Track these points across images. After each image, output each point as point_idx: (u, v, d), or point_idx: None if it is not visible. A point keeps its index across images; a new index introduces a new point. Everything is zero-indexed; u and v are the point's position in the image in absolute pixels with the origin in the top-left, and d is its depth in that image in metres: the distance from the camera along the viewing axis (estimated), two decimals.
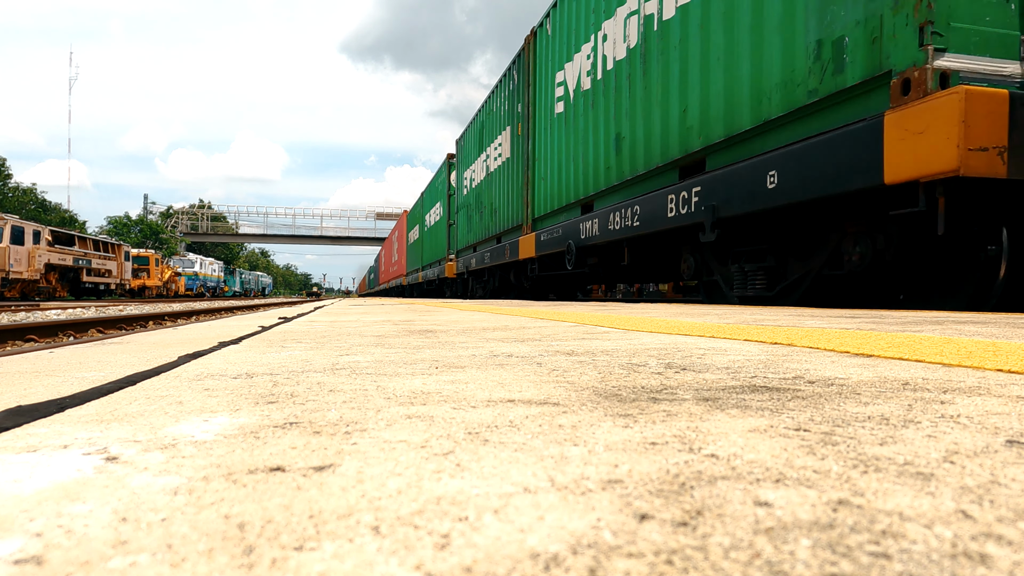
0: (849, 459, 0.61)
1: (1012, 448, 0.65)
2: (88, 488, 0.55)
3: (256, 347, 2.00)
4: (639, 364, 1.41)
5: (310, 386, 1.14)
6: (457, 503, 0.50)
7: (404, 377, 1.25)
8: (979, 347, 1.59)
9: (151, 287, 32.50)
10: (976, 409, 0.84)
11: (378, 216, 64.34)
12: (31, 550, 0.42)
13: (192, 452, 0.67)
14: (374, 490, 0.54)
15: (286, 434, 0.75)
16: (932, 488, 0.52)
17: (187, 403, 0.97)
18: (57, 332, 6.58)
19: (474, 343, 2.05)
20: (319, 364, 1.50)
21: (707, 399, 0.95)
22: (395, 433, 0.75)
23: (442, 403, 0.95)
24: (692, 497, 0.51)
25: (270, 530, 0.45)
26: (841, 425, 0.76)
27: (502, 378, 1.22)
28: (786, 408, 0.87)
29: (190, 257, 42.54)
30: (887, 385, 1.05)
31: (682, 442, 0.69)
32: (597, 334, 2.36)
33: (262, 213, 64.15)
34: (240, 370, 1.39)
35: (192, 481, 0.57)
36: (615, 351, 1.71)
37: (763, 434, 0.72)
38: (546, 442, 0.70)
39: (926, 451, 0.64)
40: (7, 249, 18.98)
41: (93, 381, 1.23)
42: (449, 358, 1.60)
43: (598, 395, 1.01)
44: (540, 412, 0.87)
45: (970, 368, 1.23)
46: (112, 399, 1.01)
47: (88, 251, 24.05)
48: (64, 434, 0.76)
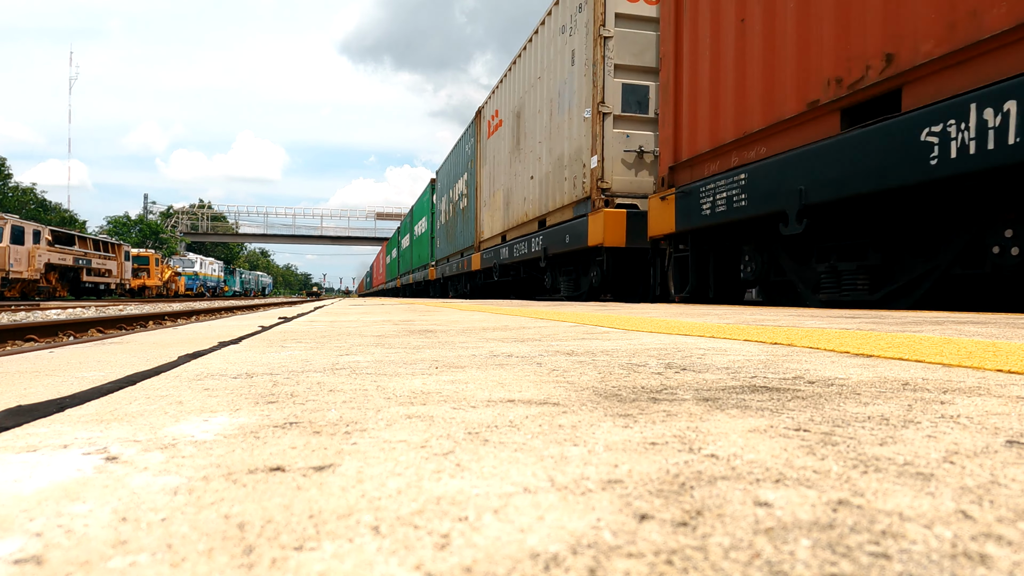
0: (849, 459, 0.61)
1: (1012, 448, 0.65)
2: (88, 488, 0.55)
3: (256, 347, 2.00)
4: (639, 364, 1.41)
5: (310, 386, 1.14)
6: (457, 503, 0.50)
7: (404, 377, 1.25)
8: (979, 347, 1.59)
9: (151, 287, 32.49)
10: (976, 409, 0.84)
11: (378, 216, 64.36)
12: (31, 550, 0.42)
13: (192, 452, 0.67)
14: (374, 490, 0.54)
15: (286, 434, 0.75)
16: (932, 488, 0.52)
17: (187, 403, 0.97)
18: (57, 332, 6.58)
19: (474, 343, 2.05)
20: (319, 364, 1.50)
21: (707, 399, 0.95)
22: (395, 433, 0.75)
23: (442, 403, 0.95)
24: (692, 497, 0.51)
25: (270, 530, 0.45)
26: (841, 425, 0.76)
27: (502, 378, 1.22)
28: (786, 408, 0.87)
29: (190, 257, 42.52)
30: (887, 385, 1.05)
31: (682, 442, 0.69)
32: (597, 334, 2.36)
33: (262, 213, 64.21)
34: (240, 370, 1.39)
35: (192, 481, 0.57)
36: (615, 351, 1.71)
37: (763, 434, 0.72)
38: (546, 442, 0.70)
39: (926, 451, 0.64)
40: (7, 249, 18.97)
41: (93, 381, 1.23)
42: (449, 358, 1.60)
43: (598, 395, 1.01)
44: (540, 412, 0.87)
45: (970, 368, 1.23)
46: (112, 399, 1.01)
47: (88, 251, 24.05)
48: (64, 434, 0.76)
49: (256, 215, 64.61)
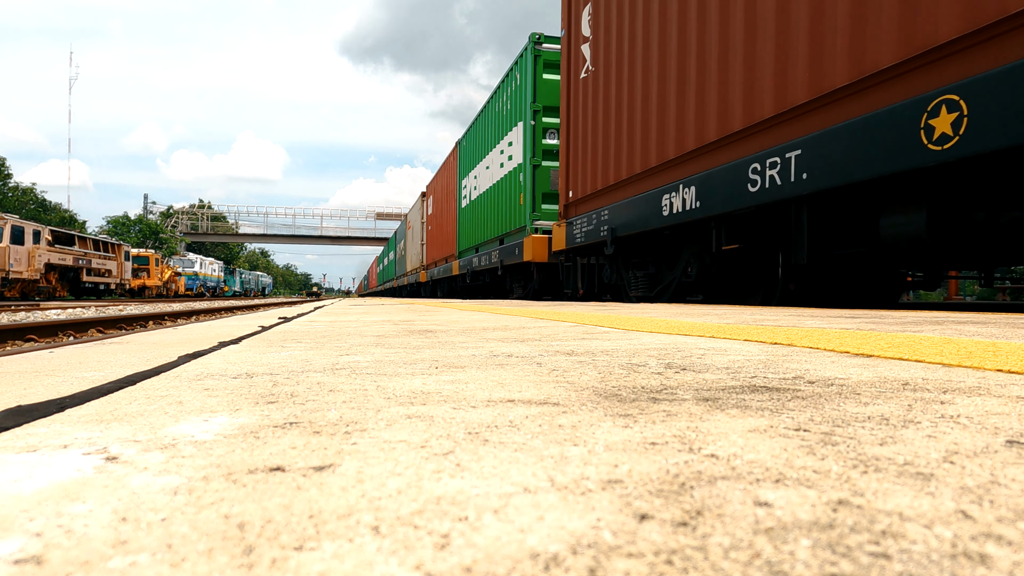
0: (849, 459, 0.61)
1: (1012, 448, 0.65)
2: (88, 488, 0.55)
3: (256, 347, 2.00)
4: (639, 364, 1.41)
5: (310, 386, 1.14)
6: (457, 503, 0.50)
7: (404, 377, 1.25)
8: (979, 347, 1.59)
9: (151, 287, 32.48)
10: (976, 409, 0.84)
11: (378, 216, 64.36)
12: (31, 550, 0.42)
13: (192, 452, 0.67)
14: (374, 490, 0.54)
15: (286, 434, 0.75)
16: (932, 488, 0.52)
17: (187, 403, 0.97)
18: (57, 332, 6.58)
19: (474, 343, 2.05)
20: (319, 364, 1.50)
21: (707, 399, 0.95)
22: (395, 433, 0.75)
23: (442, 403, 0.95)
24: (692, 497, 0.51)
25: (270, 530, 0.45)
26: (841, 425, 0.76)
27: (502, 378, 1.22)
28: (786, 408, 0.87)
29: (190, 257, 42.50)
30: (887, 385, 1.05)
31: (682, 442, 0.69)
32: (597, 334, 2.36)
33: (262, 213, 64.20)
34: (240, 370, 1.39)
35: (192, 481, 0.57)
36: (615, 351, 1.71)
37: (763, 434, 0.72)
38: (546, 442, 0.70)
39: (926, 451, 0.64)
40: (7, 249, 18.97)
41: (93, 381, 1.23)
42: (449, 358, 1.60)
43: (598, 395, 1.01)
44: (540, 412, 0.87)
45: (970, 368, 1.23)
46: (112, 399, 1.01)
47: (88, 251, 24.04)
48: (64, 434, 0.76)
49: (256, 215, 64.65)
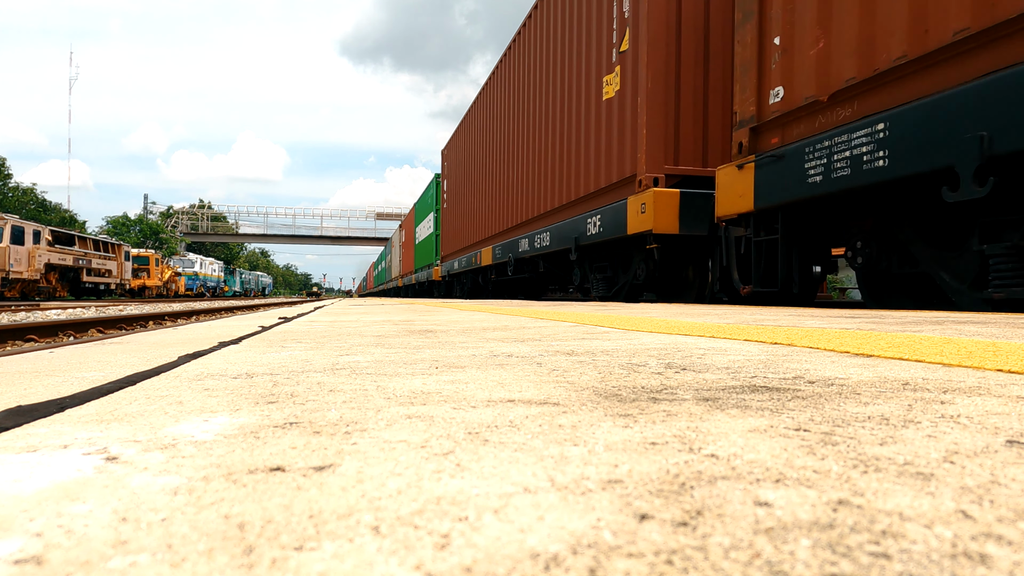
0: (849, 459, 0.61)
1: (1012, 448, 0.65)
2: (88, 488, 0.55)
3: (256, 347, 2.00)
4: (639, 364, 1.41)
5: (310, 386, 1.14)
6: (457, 503, 0.50)
7: (404, 377, 1.25)
8: (979, 347, 1.59)
9: (151, 287, 32.48)
10: (976, 409, 0.84)
11: (378, 216, 64.38)
12: (31, 550, 0.42)
13: (192, 452, 0.67)
14: (374, 490, 0.54)
15: (286, 434, 0.75)
16: (932, 488, 0.52)
17: (187, 403, 0.97)
18: (57, 332, 6.58)
19: (474, 343, 2.05)
20: (319, 364, 1.50)
21: (707, 399, 0.95)
22: (395, 433, 0.75)
23: (442, 403, 0.95)
24: (692, 497, 0.51)
25: (270, 530, 0.45)
26: (841, 425, 0.76)
27: (502, 378, 1.22)
28: (786, 408, 0.87)
29: (190, 257, 42.49)
30: (887, 385, 1.05)
31: (682, 442, 0.69)
32: (597, 334, 2.36)
33: (262, 213, 64.23)
34: (240, 370, 1.39)
35: (192, 481, 0.57)
36: (615, 351, 1.71)
37: (763, 434, 0.72)
38: (546, 442, 0.70)
39: (926, 451, 0.64)
40: (7, 249, 18.97)
41: (93, 381, 1.23)
42: (449, 358, 1.60)
43: (598, 395, 1.00)
44: (540, 412, 0.87)
45: (970, 368, 1.23)
46: (112, 399, 1.01)
47: (88, 251, 24.04)
48: (64, 434, 0.76)
49: (256, 215, 64.67)
